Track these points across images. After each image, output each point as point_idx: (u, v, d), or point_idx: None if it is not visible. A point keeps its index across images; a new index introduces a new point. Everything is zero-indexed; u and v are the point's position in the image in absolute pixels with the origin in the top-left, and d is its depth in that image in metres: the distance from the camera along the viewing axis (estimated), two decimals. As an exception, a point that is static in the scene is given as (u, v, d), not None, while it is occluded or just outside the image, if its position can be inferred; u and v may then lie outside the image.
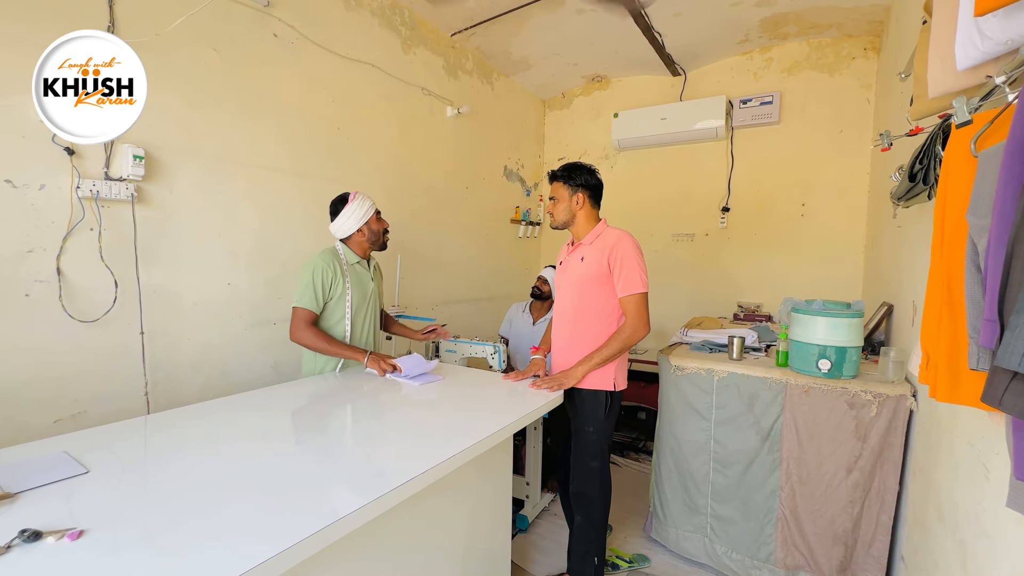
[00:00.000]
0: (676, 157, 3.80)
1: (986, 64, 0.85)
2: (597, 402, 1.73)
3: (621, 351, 1.69)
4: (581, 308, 1.77)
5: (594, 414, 1.73)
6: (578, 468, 1.78)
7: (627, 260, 1.68)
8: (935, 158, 1.19)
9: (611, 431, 1.79)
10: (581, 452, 1.77)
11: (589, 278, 1.74)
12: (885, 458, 1.68)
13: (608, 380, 1.73)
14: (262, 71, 2.11)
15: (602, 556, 1.80)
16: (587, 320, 1.76)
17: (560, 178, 1.80)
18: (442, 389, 1.71)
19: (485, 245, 3.75)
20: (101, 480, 0.97)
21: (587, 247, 1.77)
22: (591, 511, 1.77)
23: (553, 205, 1.82)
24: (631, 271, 1.67)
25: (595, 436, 1.74)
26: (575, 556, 1.82)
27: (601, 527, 1.79)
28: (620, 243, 1.70)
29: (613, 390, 1.73)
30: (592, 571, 1.77)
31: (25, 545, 0.73)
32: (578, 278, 1.76)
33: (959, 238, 0.83)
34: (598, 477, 1.75)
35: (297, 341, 1.76)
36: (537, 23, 3.08)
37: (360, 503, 0.88)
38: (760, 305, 3.47)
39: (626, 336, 1.68)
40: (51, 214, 1.54)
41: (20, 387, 1.49)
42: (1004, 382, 0.63)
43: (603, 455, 1.76)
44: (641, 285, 1.67)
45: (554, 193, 1.82)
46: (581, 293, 1.76)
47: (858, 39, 3.11)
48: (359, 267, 1.91)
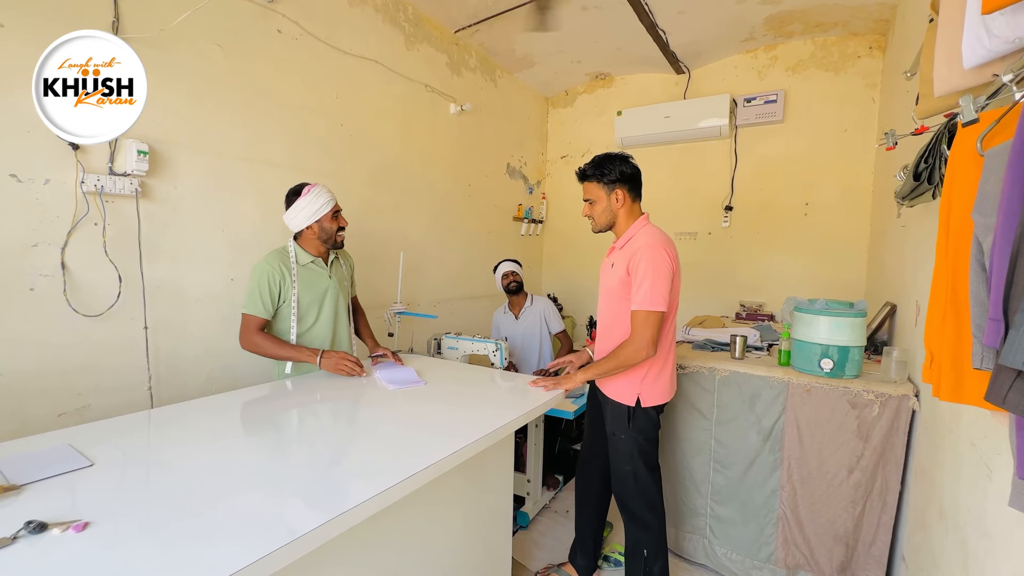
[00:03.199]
0: (679, 155, 3.79)
1: (993, 62, 0.84)
2: (620, 413, 1.64)
3: (615, 369, 1.57)
4: (611, 318, 1.68)
5: (618, 422, 1.65)
6: (614, 470, 1.72)
7: (644, 271, 1.51)
8: (940, 157, 1.18)
9: (644, 440, 1.65)
10: (615, 456, 1.70)
11: (615, 287, 1.62)
12: (887, 458, 1.68)
13: (630, 395, 1.61)
14: (266, 67, 2.12)
15: (655, 554, 1.68)
16: (616, 333, 1.65)
17: (593, 176, 1.62)
18: (444, 386, 1.71)
19: (487, 242, 3.75)
20: (105, 473, 0.98)
21: (618, 252, 1.64)
22: (632, 512, 1.70)
23: (590, 208, 1.64)
24: (644, 284, 1.51)
25: (624, 443, 1.65)
26: (626, 545, 1.75)
27: (648, 525, 1.68)
28: (643, 251, 1.53)
29: (633, 406, 1.61)
30: (642, 563, 1.69)
31: (31, 536, 0.74)
32: (610, 287, 1.66)
33: (964, 237, 0.83)
34: (632, 480, 1.66)
35: (247, 348, 1.68)
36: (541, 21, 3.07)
37: (362, 498, 0.89)
38: (763, 304, 3.46)
39: (624, 355, 1.54)
40: (56, 209, 1.55)
41: (25, 380, 1.50)
42: (1008, 381, 0.63)
43: (635, 461, 1.65)
44: (651, 302, 1.49)
45: (589, 195, 1.64)
46: (609, 302, 1.67)
47: (863, 37, 3.10)
48: (313, 266, 1.80)
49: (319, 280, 1.81)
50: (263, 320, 1.69)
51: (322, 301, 1.82)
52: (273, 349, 1.67)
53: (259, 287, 1.68)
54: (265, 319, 1.70)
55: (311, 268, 1.80)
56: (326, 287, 1.83)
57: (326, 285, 1.83)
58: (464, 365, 2.15)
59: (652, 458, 1.70)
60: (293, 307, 1.74)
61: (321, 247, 1.83)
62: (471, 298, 3.58)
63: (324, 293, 1.82)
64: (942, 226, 0.92)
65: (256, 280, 1.69)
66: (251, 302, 1.68)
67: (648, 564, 1.69)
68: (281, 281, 1.71)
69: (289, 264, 1.74)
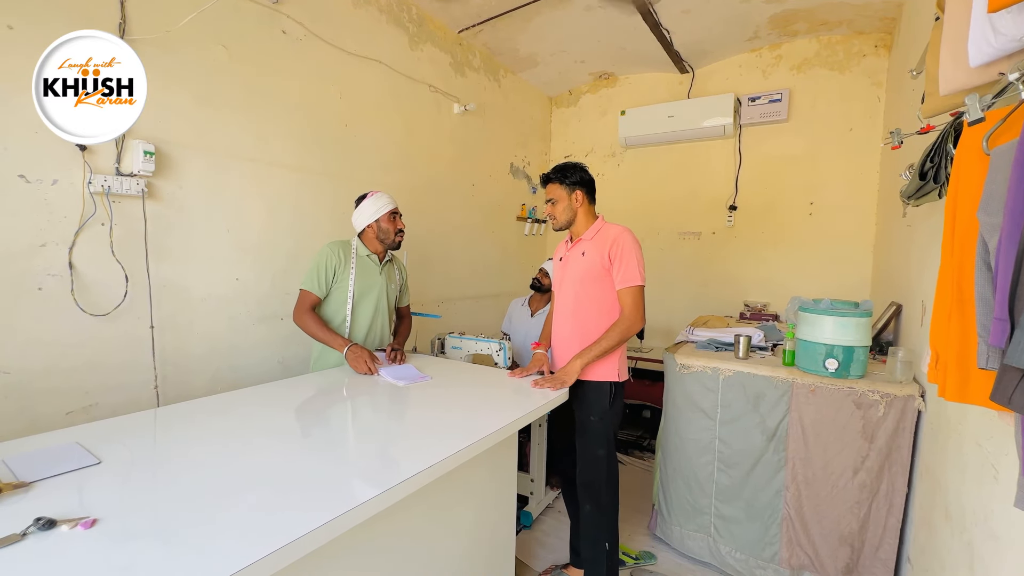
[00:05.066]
0: (683, 155, 3.78)
1: (999, 61, 0.83)
2: (601, 392, 1.76)
3: (619, 343, 1.73)
4: (583, 302, 1.80)
5: (599, 404, 1.76)
6: (584, 458, 1.79)
7: (626, 254, 1.72)
8: (946, 156, 1.17)
9: (616, 421, 1.81)
10: (587, 441, 1.78)
11: (591, 272, 1.77)
12: (893, 459, 1.67)
13: (612, 371, 1.76)
14: (270, 67, 2.13)
15: (614, 542, 1.79)
16: (587, 313, 1.79)
17: (555, 179, 1.83)
18: (447, 386, 1.72)
19: (491, 242, 3.75)
20: (113, 471, 0.99)
21: (588, 242, 1.80)
22: (599, 498, 1.77)
23: (552, 207, 1.84)
24: (629, 265, 1.71)
25: (600, 426, 1.76)
26: (585, 544, 1.80)
27: (610, 513, 1.79)
28: (620, 237, 1.74)
29: (617, 380, 1.77)
30: (604, 556, 1.76)
31: (40, 533, 0.75)
32: (580, 273, 1.79)
33: (970, 236, 0.82)
34: (604, 464, 1.76)
35: (296, 322, 1.86)
36: (545, 20, 3.07)
37: (366, 497, 0.89)
38: (767, 304, 3.45)
39: (624, 328, 1.71)
40: (63, 209, 1.56)
41: (33, 379, 1.51)
42: (1014, 381, 0.63)
43: (609, 444, 1.78)
44: (639, 278, 1.71)
45: (551, 195, 1.84)
46: (583, 287, 1.79)
47: (869, 36, 3.08)
48: (369, 260, 1.97)
49: (371, 273, 1.98)
50: (316, 298, 1.87)
51: (368, 293, 1.97)
52: (314, 328, 1.83)
53: (317, 268, 1.86)
54: (318, 297, 1.87)
55: (367, 261, 1.98)
56: (375, 282, 1.99)
57: (375, 280, 1.99)
58: (468, 365, 2.16)
59: (615, 438, 1.85)
60: (350, 291, 1.91)
61: (379, 246, 2.00)
62: (474, 298, 3.59)
63: (372, 286, 1.98)
64: (947, 225, 0.92)
65: (316, 261, 1.88)
66: (309, 280, 1.87)
67: (609, 557, 1.77)
68: (337, 265, 1.89)
69: (349, 253, 1.94)
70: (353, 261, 1.93)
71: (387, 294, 2.04)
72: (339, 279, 1.90)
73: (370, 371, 1.77)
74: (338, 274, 1.90)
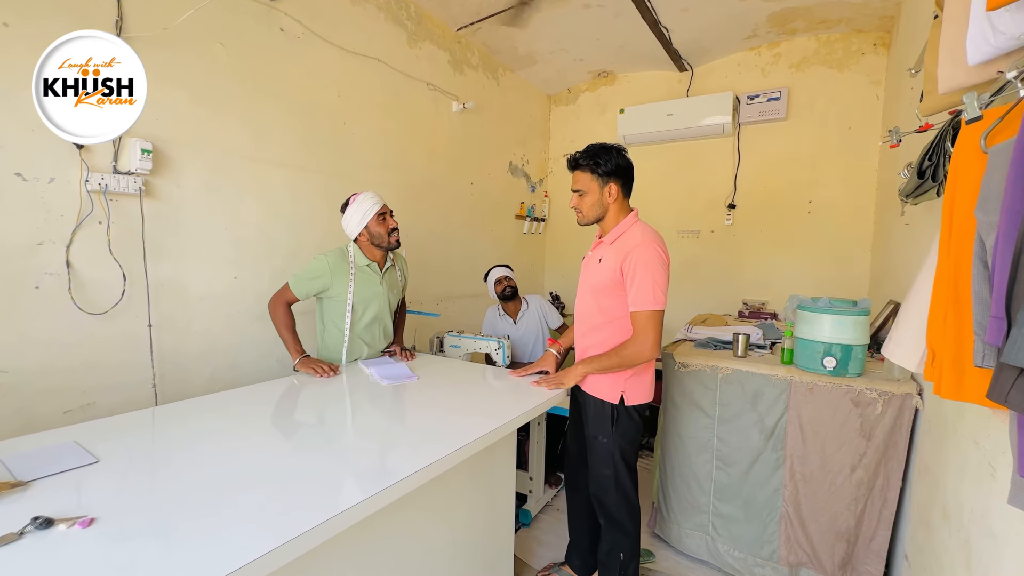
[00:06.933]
0: (682, 153, 3.77)
1: (998, 59, 0.83)
2: (603, 413, 1.60)
3: (617, 367, 1.53)
4: (595, 314, 1.63)
5: (601, 423, 1.61)
6: (592, 473, 1.68)
7: (640, 271, 1.46)
8: (944, 154, 1.18)
9: (626, 443, 1.62)
10: (595, 459, 1.65)
11: (603, 284, 1.57)
12: (890, 456, 1.67)
13: (614, 392, 1.58)
14: (268, 65, 2.12)
15: (630, 556, 1.65)
16: (600, 327, 1.61)
17: (585, 166, 1.52)
18: (446, 384, 1.72)
19: (490, 241, 3.75)
20: (111, 470, 0.99)
21: (608, 247, 1.57)
22: (611, 515, 1.66)
23: (580, 199, 1.55)
24: (643, 285, 1.46)
25: (606, 447, 1.60)
26: (602, 549, 1.72)
27: (625, 528, 1.65)
28: (638, 250, 1.48)
29: (616, 403, 1.58)
30: (618, 567, 1.65)
31: (37, 532, 0.75)
32: (594, 283, 1.60)
33: (967, 235, 0.82)
34: (612, 484, 1.62)
35: (269, 309, 1.83)
36: (543, 18, 3.07)
37: (364, 495, 0.89)
38: (765, 302, 3.45)
39: (626, 354, 1.50)
40: (60, 207, 1.55)
41: (31, 378, 1.51)
42: (1010, 379, 0.63)
43: (616, 464, 1.60)
44: (652, 302, 1.45)
45: (579, 185, 1.54)
46: (595, 298, 1.61)
47: (868, 34, 3.08)
48: (368, 270, 1.91)
49: (371, 284, 1.92)
50: (295, 298, 1.82)
51: (368, 304, 1.91)
52: (281, 324, 1.80)
53: (309, 275, 1.82)
54: (297, 299, 1.82)
55: (366, 271, 1.91)
56: (375, 292, 1.92)
57: (376, 291, 1.93)
58: (466, 363, 2.16)
59: (632, 459, 1.66)
60: (348, 303, 1.85)
61: (376, 252, 1.92)
62: (473, 296, 3.58)
63: (372, 297, 1.92)
64: (945, 223, 0.92)
65: (311, 268, 1.83)
66: (299, 280, 1.82)
67: (623, 567, 1.66)
68: (328, 281, 1.83)
69: (347, 264, 1.87)
70: (351, 272, 1.86)
71: (388, 303, 1.99)
72: (331, 291, 1.84)
73: (330, 374, 1.71)
74: (327, 286, 1.83)
